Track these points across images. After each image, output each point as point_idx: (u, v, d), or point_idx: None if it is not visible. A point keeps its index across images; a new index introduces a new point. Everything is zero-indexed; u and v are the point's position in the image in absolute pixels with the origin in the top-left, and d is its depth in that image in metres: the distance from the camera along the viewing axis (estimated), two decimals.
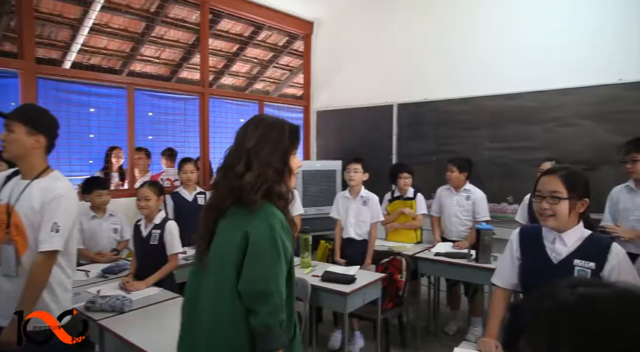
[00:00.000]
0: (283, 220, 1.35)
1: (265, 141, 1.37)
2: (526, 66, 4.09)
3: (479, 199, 3.65)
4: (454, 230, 3.72)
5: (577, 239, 1.59)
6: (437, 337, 3.60)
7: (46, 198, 1.76)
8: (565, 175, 1.57)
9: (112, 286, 2.57)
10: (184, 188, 3.80)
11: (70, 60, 4.80)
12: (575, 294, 0.52)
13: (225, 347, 1.32)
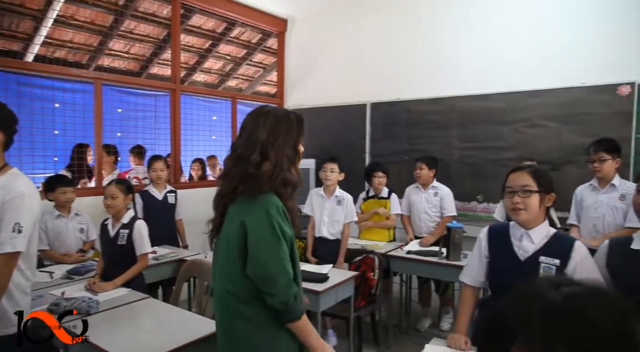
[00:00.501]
0: (279, 205, 1.43)
1: (277, 132, 1.46)
2: (495, 68, 4.19)
3: (446, 195, 3.75)
4: (424, 227, 3.79)
5: (543, 237, 1.66)
6: (409, 334, 3.65)
7: (7, 197, 1.64)
8: (533, 171, 1.66)
9: (78, 287, 2.48)
10: (154, 186, 3.71)
11: (32, 53, 4.60)
12: (561, 294, 0.53)
13: (235, 321, 1.45)
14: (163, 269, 3.21)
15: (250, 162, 1.42)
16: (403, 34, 4.78)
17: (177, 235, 3.82)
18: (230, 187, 1.47)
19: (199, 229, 4.47)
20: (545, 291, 0.55)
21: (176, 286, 2.93)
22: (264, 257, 1.38)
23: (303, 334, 1.45)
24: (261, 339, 1.44)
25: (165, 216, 3.69)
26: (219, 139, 5.45)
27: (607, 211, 2.86)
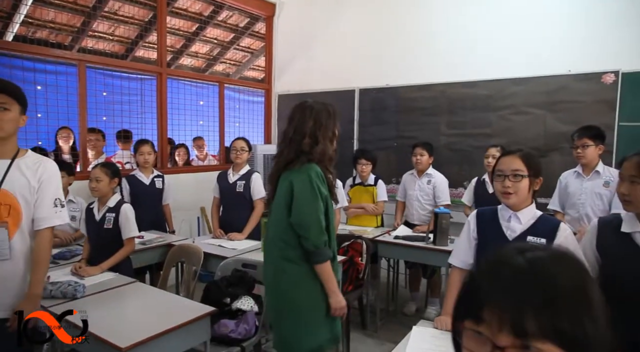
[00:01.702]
0: (319, 171, 1.83)
1: (321, 121, 1.88)
2: (482, 55, 4.21)
3: (439, 183, 3.71)
4: (416, 214, 3.80)
5: (531, 218, 1.69)
6: (396, 318, 3.70)
7: (44, 176, 1.78)
8: (524, 155, 1.68)
9: (64, 272, 2.46)
10: (141, 171, 3.67)
11: (12, 33, 4.46)
12: (526, 258, 0.57)
13: (282, 262, 1.85)
14: (150, 254, 3.18)
15: (303, 144, 1.83)
16: (393, 19, 4.76)
17: (164, 220, 3.79)
18: (285, 162, 1.87)
19: (185, 214, 4.50)
20: (511, 257, 0.58)
21: (164, 271, 2.93)
22: (303, 208, 1.78)
23: (325, 278, 1.81)
24: (301, 276, 1.82)
25: (152, 201, 3.65)
26: (206, 124, 5.38)
27: (591, 197, 2.91)
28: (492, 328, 0.54)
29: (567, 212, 3.07)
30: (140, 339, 1.65)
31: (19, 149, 1.79)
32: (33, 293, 1.76)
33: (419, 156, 3.71)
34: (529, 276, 0.55)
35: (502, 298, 0.54)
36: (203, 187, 4.37)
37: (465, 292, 0.61)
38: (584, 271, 0.58)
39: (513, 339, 0.52)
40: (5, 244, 1.70)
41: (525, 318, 0.52)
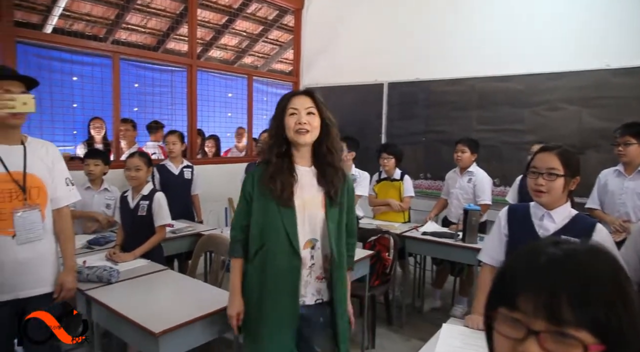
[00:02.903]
0: (253, 170, 1.74)
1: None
2: (516, 49, 4.10)
3: (480, 181, 3.56)
4: (454, 212, 3.69)
5: (565, 217, 1.63)
6: (422, 314, 3.67)
7: (55, 157, 1.88)
8: (561, 152, 1.60)
9: (98, 257, 2.53)
10: (170, 161, 3.73)
11: (51, 25, 4.59)
12: (561, 249, 0.58)
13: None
14: (180, 242, 3.24)
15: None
16: (424, 12, 4.68)
17: (193, 210, 3.85)
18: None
19: (213, 205, 4.55)
20: (547, 248, 0.59)
21: (193, 260, 2.98)
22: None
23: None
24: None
25: (181, 191, 3.72)
26: (235, 116, 5.43)
27: (632, 197, 2.78)
28: (528, 314, 0.55)
29: (605, 212, 2.97)
30: (172, 325, 1.68)
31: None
32: (69, 266, 1.90)
33: (459, 153, 3.58)
34: (565, 265, 0.56)
35: (537, 284, 0.56)
36: (231, 178, 4.41)
37: (500, 280, 0.62)
38: (620, 266, 0.59)
39: (548, 324, 0.53)
40: (40, 225, 1.79)
41: (560, 304, 0.53)
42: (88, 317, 2.05)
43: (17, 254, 1.73)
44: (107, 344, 2.74)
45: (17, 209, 1.72)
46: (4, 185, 1.70)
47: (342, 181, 1.69)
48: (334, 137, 1.69)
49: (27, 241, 1.74)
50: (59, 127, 3.77)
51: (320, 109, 1.68)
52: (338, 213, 1.70)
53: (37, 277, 1.79)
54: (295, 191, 1.64)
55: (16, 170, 1.73)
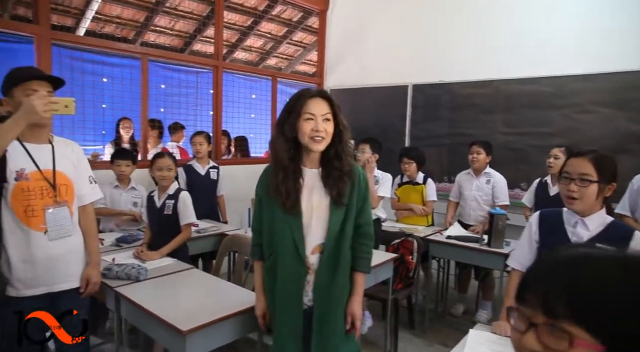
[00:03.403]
0: (263, 173, 1.78)
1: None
2: (544, 51, 4.01)
3: (498, 182, 3.56)
4: (473, 214, 3.66)
5: (599, 225, 1.58)
6: (445, 319, 3.63)
7: (79, 156, 1.94)
8: (595, 158, 1.55)
9: (126, 254, 2.59)
10: (197, 161, 3.79)
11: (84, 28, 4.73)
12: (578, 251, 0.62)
13: None
14: (204, 242, 3.29)
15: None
16: (448, 14, 4.63)
17: (218, 210, 3.90)
18: None
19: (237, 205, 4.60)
20: (566, 249, 0.63)
21: (217, 259, 3.02)
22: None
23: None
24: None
25: (207, 191, 3.77)
26: (258, 118, 5.48)
27: None
28: (533, 309, 0.59)
29: (638, 219, 2.88)
30: (199, 324, 1.70)
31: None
32: (95, 261, 1.98)
33: (475, 154, 3.58)
34: (570, 264, 0.59)
35: (543, 281, 0.60)
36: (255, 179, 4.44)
37: (523, 281, 0.66)
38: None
39: (545, 318, 0.57)
40: (69, 221, 1.85)
41: (553, 299, 0.56)
42: (117, 313, 2.10)
43: (49, 249, 1.78)
44: (134, 340, 2.80)
45: (48, 206, 1.77)
46: (36, 183, 1.75)
47: (347, 183, 1.65)
48: (345, 142, 1.66)
49: (57, 237, 1.80)
50: (89, 126, 3.88)
51: (336, 114, 1.64)
52: (343, 214, 1.66)
53: (68, 272, 1.86)
54: (302, 195, 1.64)
55: (46, 168, 1.79)
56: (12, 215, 1.71)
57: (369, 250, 1.75)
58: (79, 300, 1.90)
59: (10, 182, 1.70)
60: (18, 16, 4.36)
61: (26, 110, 1.58)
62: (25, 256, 1.74)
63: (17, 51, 3.59)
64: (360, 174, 1.70)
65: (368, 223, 1.74)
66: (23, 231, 1.73)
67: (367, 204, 1.74)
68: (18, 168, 1.72)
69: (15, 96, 1.71)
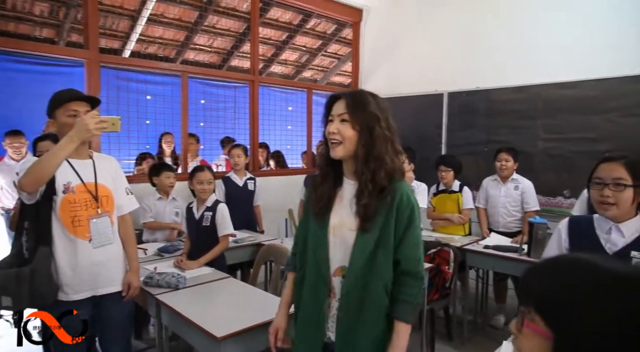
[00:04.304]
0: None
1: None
2: (586, 53, 3.87)
3: (528, 188, 3.52)
4: (501, 221, 3.61)
5: (635, 231, 1.52)
6: (484, 331, 3.53)
7: (117, 169, 2.09)
8: (629, 162, 1.49)
9: (167, 264, 2.70)
10: (235, 173, 3.91)
11: (129, 50, 5.02)
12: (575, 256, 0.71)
13: None
14: (242, 252, 3.37)
15: None
16: (483, 19, 4.57)
17: (255, 220, 3.99)
18: None
19: (274, 216, 4.68)
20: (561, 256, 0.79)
21: (254, 269, 3.09)
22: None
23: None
24: None
25: (244, 202, 3.87)
26: (294, 129, 5.58)
27: None
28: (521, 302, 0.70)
29: None
30: (233, 330, 1.76)
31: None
32: (135, 267, 2.10)
33: (504, 162, 3.55)
34: (551, 265, 0.70)
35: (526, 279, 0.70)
36: (291, 190, 4.53)
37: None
38: (593, 277, 0.63)
39: (525, 307, 0.67)
40: (110, 230, 1.98)
41: (527, 291, 0.68)
42: (158, 320, 2.20)
43: (93, 256, 1.91)
44: (175, 346, 2.90)
45: (92, 216, 1.91)
46: (81, 195, 1.89)
47: (377, 205, 1.35)
48: (379, 151, 1.37)
49: (100, 245, 1.93)
50: (134, 142, 4.09)
51: (354, 113, 1.38)
52: (374, 242, 1.36)
53: (110, 277, 1.98)
54: (334, 206, 1.45)
55: (89, 181, 1.93)
56: (60, 225, 1.85)
57: (412, 292, 1.39)
58: (122, 303, 2.03)
59: (58, 195, 1.84)
60: (72, 42, 4.70)
61: (79, 129, 1.73)
62: (72, 263, 1.87)
63: (70, 75, 3.85)
64: (404, 196, 1.37)
65: (410, 258, 1.38)
66: (70, 240, 1.87)
67: (413, 236, 1.38)
68: (65, 182, 1.86)
69: (58, 117, 1.89)
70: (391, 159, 1.39)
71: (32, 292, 1.76)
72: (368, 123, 1.37)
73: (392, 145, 1.41)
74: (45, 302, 1.82)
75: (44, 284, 1.79)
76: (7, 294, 1.77)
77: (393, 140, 1.42)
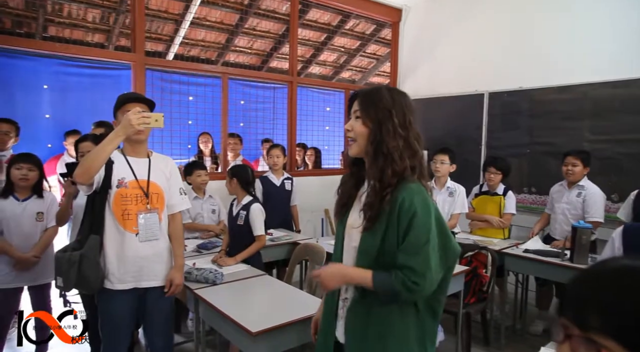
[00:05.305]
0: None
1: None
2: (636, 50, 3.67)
3: (591, 196, 3.28)
4: (559, 229, 3.44)
5: None
6: (523, 337, 3.43)
7: (172, 169, 2.18)
8: None
9: (206, 260, 2.80)
10: (272, 173, 3.97)
11: (172, 52, 5.20)
12: (619, 263, 0.61)
13: None
14: (278, 250, 3.44)
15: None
16: (525, 17, 4.43)
17: (292, 220, 4.05)
18: None
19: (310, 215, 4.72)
20: (610, 262, 0.63)
21: (289, 267, 3.14)
22: None
23: None
24: None
25: (281, 201, 3.93)
26: (332, 130, 5.61)
27: None
28: (568, 320, 0.59)
29: None
30: (267, 326, 1.80)
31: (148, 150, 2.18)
32: (179, 264, 2.16)
33: (570, 166, 3.33)
34: (602, 276, 0.59)
35: (573, 293, 0.60)
36: (328, 189, 4.54)
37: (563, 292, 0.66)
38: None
39: (579, 331, 0.57)
40: (157, 226, 2.07)
41: (585, 312, 0.56)
42: (196, 314, 2.28)
43: (139, 250, 2.02)
44: (212, 341, 3.00)
45: (141, 211, 2.01)
46: (132, 190, 2.01)
47: (378, 209, 1.28)
48: (387, 141, 1.29)
49: (146, 239, 2.03)
50: (176, 141, 4.25)
51: (365, 109, 1.34)
52: (377, 248, 1.28)
53: (153, 271, 2.07)
54: (354, 206, 1.42)
55: (142, 178, 2.04)
56: (112, 217, 1.98)
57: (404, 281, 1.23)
58: (163, 298, 2.11)
59: (113, 189, 1.97)
60: (120, 46, 4.93)
61: (124, 125, 1.83)
62: (118, 253, 1.99)
63: (118, 77, 4.05)
64: (406, 200, 1.25)
65: (408, 267, 1.23)
66: (119, 232, 1.99)
67: (411, 243, 1.24)
68: (120, 177, 1.99)
69: (118, 117, 2.02)
70: (401, 157, 1.29)
71: (79, 276, 1.90)
72: (379, 119, 1.32)
73: (406, 142, 1.31)
74: (91, 287, 1.95)
75: (91, 269, 1.92)
76: (60, 275, 1.92)
77: (407, 137, 1.32)
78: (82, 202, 2.28)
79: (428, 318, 1.34)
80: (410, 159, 1.31)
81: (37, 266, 2.61)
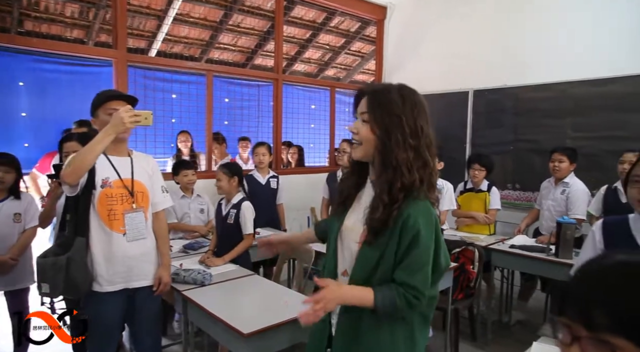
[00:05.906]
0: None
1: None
2: (617, 48, 3.75)
3: (574, 193, 3.31)
4: (545, 225, 3.50)
5: None
6: (509, 331, 3.48)
7: (154, 168, 2.15)
8: None
9: (193, 260, 2.75)
10: (258, 171, 3.93)
11: (155, 49, 5.11)
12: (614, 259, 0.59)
13: None
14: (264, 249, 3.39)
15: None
16: (509, 16, 4.48)
17: (278, 218, 4.01)
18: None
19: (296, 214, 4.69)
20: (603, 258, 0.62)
21: (277, 267, 3.11)
22: None
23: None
24: None
25: (267, 200, 3.89)
26: (317, 128, 5.59)
27: None
28: (573, 321, 0.57)
29: None
30: (260, 327, 1.78)
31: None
32: (166, 263, 2.15)
33: (557, 163, 3.36)
34: (604, 273, 0.58)
35: (576, 293, 0.59)
36: (314, 188, 4.53)
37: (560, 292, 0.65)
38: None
39: (587, 331, 0.55)
40: (144, 225, 2.04)
41: (592, 312, 0.54)
42: (184, 316, 2.24)
43: (127, 250, 1.98)
44: (200, 342, 2.95)
45: (127, 211, 1.98)
46: (117, 190, 1.97)
47: (382, 221, 1.21)
48: (396, 152, 1.22)
49: (134, 239, 2.00)
50: (160, 140, 4.17)
51: (374, 113, 1.27)
52: (375, 261, 1.24)
53: (143, 271, 2.05)
54: (353, 206, 1.37)
55: (126, 177, 2.00)
56: (97, 218, 1.93)
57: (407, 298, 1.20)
58: (152, 297, 2.09)
59: (97, 189, 1.92)
60: (100, 43, 4.81)
61: (114, 123, 1.79)
62: (106, 254, 1.95)
63: (99, 74, 3.96)
64: (411, 217, 1.20)
65: (406, 284, 1.21)
66: (106, 232, 1.94)
67: (413, 261, 1.21)
68: (104, 177, 1.94)
69: (99, 116, 1.97)
70: (409, 170, 1.22)
71: (67, 280, 1.84)
72: (388, 126, 1.24)
73: (416, 152, 1.24)
74: (79, 291, 1.89)
75: (79, 273, 1.87)
76: (45, 281, 1.86)
77: (417, 147, 1.24)
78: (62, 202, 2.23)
79: (419, 324, 1.32)
80: (419, 170, 1.24)
81: (15, 270, 2.52)
